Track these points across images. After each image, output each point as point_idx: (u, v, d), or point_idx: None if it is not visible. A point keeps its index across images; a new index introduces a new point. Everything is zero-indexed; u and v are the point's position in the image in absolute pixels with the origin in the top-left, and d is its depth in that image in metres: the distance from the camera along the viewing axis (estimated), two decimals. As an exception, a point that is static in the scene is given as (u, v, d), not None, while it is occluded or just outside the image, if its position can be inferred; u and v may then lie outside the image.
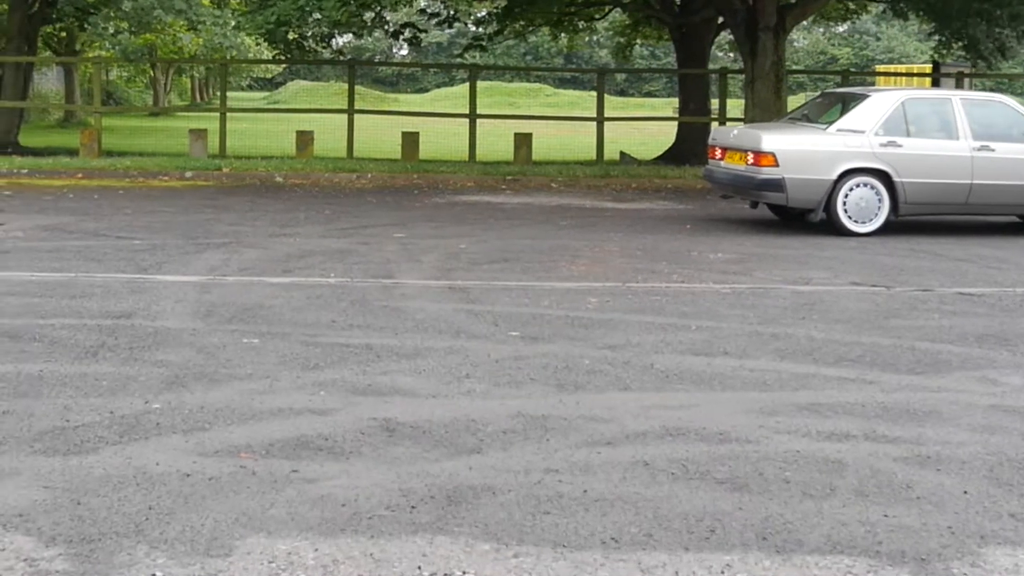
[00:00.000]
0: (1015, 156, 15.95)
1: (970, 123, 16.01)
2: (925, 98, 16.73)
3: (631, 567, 4.86)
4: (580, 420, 6.95)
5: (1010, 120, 16.31)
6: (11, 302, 9.92)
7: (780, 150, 15.74)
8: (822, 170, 15.64)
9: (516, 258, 13.17)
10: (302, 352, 8.45)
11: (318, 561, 4.83)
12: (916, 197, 15.75)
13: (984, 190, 15.87)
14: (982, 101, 16.76)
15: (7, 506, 5.32)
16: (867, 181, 15.65)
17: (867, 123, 15.86)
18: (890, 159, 15.68)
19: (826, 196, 15.65)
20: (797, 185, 15.67)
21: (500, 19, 31.18)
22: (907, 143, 15.79)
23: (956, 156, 15.81)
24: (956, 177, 15.78)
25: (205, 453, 6.15)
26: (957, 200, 15.94)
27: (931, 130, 16.09)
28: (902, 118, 15.94)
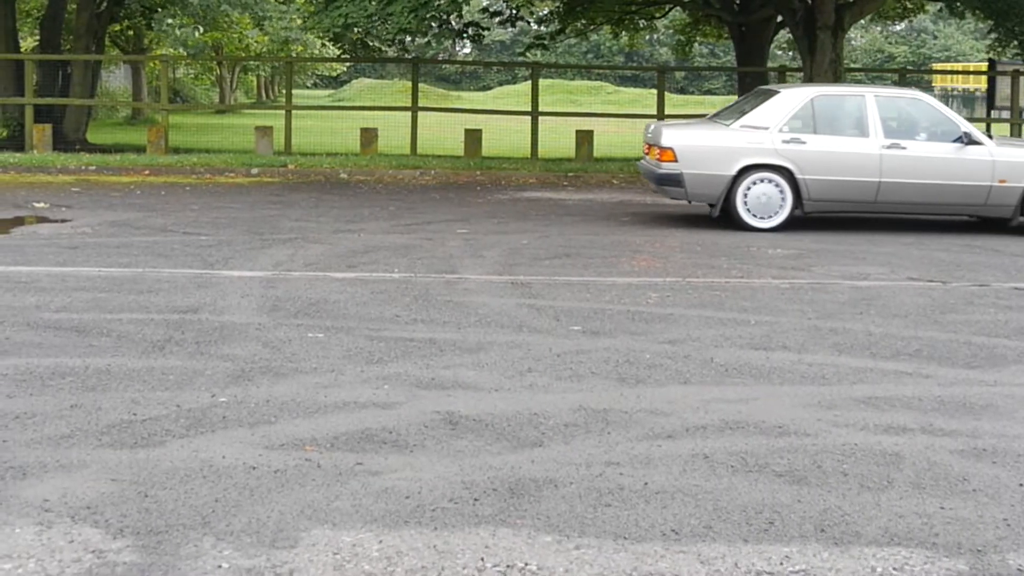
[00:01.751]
0: (928, 154, 15.68)
1: (882, 120, 15.80)
2: (836, 95, 16.56)
3: (691, 559, 4.88)
4: (641, 413, 6.97)
5: (928, 118, 16.14)
6: (79, 297, 10.00)
7: (679, 145, 15.79)
8: (721, 166, 15.62)
9: (578, 254, 13.18)
10: (366, 346, 8.50)
11: (382, 553, 4.87)
12: (820, 194, 15.65)
13: (893, 188, 15.62)
14: (898, 98, 16.47)
15: (76, 498, 5.37)
16: (769, 177, 15.59)
17: (772, 120, 15.79)
18: (792, 156, 15.57)
19: (725, 192, 15.67)
20: (696, 180, 15.70)
21: (562, 18, 31.20)
22: (812, 140, 15.68)
23: (863, 154, 15.62)
24: (863, 175, 15.59)
25: (271, 446, 6.20)
26: (865, 198, 15.70)
27: (840, 127, 16.01)
28: (810, 115, 15.86)
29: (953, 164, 15.57)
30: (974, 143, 15.61)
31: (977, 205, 15.76)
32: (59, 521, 5.11)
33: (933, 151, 15.67)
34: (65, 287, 10.41)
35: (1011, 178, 15.54)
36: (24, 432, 6.34)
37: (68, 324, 8.98)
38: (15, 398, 6.98)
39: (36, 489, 5.48)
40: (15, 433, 6.32)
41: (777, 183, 15.57)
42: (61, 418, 6.61)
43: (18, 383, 7.29)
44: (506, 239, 14.25)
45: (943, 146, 15.68)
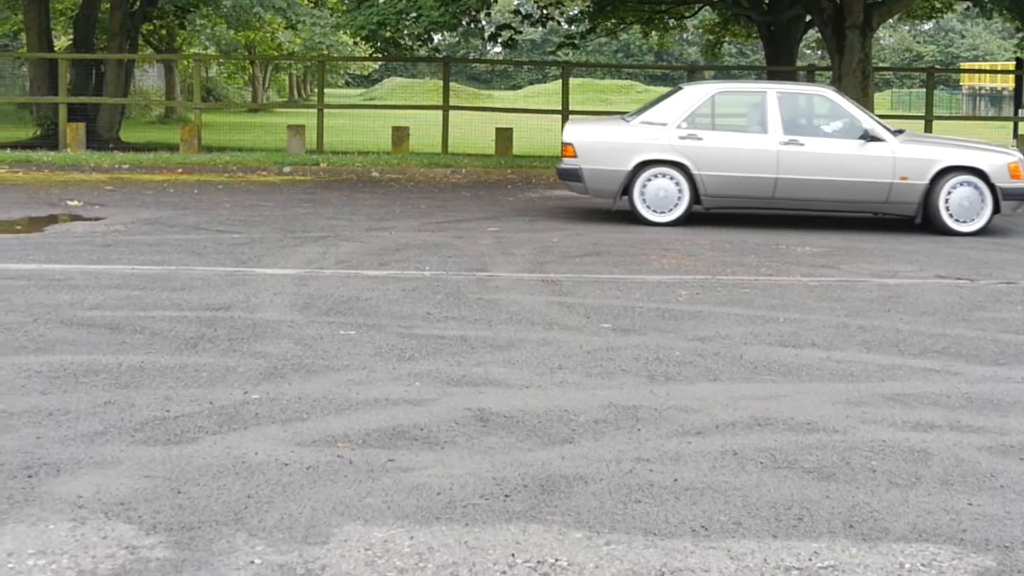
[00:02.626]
0: (826, 151, 15.57)
1: (782, 117, 15.71)
2: (738, 91, 16.88)
3: (720, 554, 4.89)
4: (670, 410, 6.99)
5: (831, 115, 16.11)
6: (113, 295, 10.05)
7: (578, 141, 15.97)
8: (617, 161, 15.73)
9: (607, 251, 13.19)
10: (398, 343, 8.52)
11: (413, 548, 4.89)
12: (717, 189, 15.68)
13: (790, 184, 15.54)
14: (801, 94, 16.35)
15: (109, 495, 5.41)
16: (666, 172, 15.67)
17: (670, 116, 15.86)
18: (688, 151, 15.62)
19: (622, 186, 15.77)
20: (594, 175, 15.86)
21: (592, 17, 31.23)
22: (708, 136, 15.71)
23: (760, 150, 15.57)
24: (760, 171, 15.55)
25: (303, 443, 6.23)
26: (763, 194, 15.67)
27: (739, 123, 16.18)
28: (709, 111, 15.94)
29: (853, 161, 15.47)
30: (875, 140, 15.46)
31: (878, 202, 15.60)
32: (92, 517, 5.14)
33: (832, 148, 15.58)
34: (98, 285, 10.47)
35: (913, 175, 15.34)
36: (58, 429, 6.37)
37: (101, 321, 9.03)
38: (49, 395, 7.01)
39: (70, 485, 5.52)
40: (49, 430, 6.35)
41: (674, 178, 15.66)
42: (95, 415, 6.65)
43: (52, 380, 7.33)
44: (536, 237, 14.26)
45: (843, 143, 15.59)
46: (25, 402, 6.85)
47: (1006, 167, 15.29)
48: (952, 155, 15.41)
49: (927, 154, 15.44)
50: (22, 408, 6.73)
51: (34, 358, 7.85)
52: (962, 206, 15.25)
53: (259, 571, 4.64)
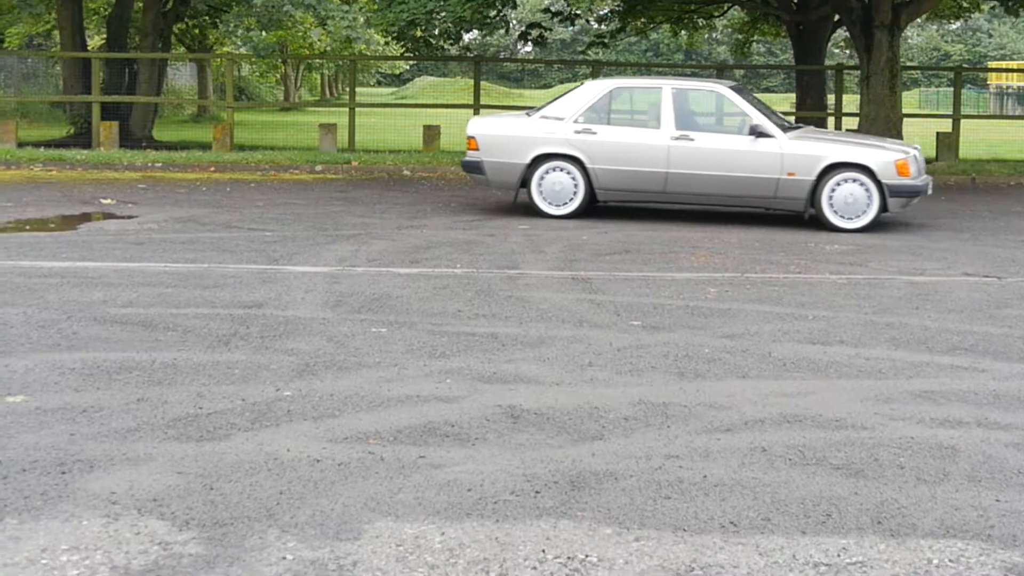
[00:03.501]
0: (716, 146, 15.66)
1: (675, 112, 15.84)
2: (634, 87, 17.10)
3: (749, 550, 4.90)
4: (700, 407, 7.00)
5: (723, 110, 16.37)
6: (146, 292, 10.10)
7: (480, 134, 16.39)
8: (516, 154, 16.06)
9: (637, 249, 13.21)
10: (429, 341, 8.55)
11: (444, 544, 4.91)
12: (610, 183, 15.92)
13: (681, 179, 15.67)
14: (695, 90, 16.49)
15: (142, 491, 5.44)
16: (562, 166, 15.94)
17: (569, 110, 16.13)
18: (583, 146, 15.87)
19: (520, 179, 16.09)
20: (494, 168, 16.24)
21: (622, 16, 31.23)
22: (603, 131, 15.93)
23: (651, 145, 15.74)
24: (651, 165, 15.71)
25: (335, 439, 6.25)
26: (654, 188, 15.85)
27: (633, 118, 16.59)
28: (606, 106, 16.18)
29: (742, 156, 15.54)
30: (764, 136, 15.49)
31: (767, 197, 15.64)
32: (126, 513, 5.17)
33: (722, 143, 15.68)
34: (132, 282, 10.52)
35: (800, 171, 15.34)
36: (91, 425, 6.41)
37: (135, 319, 9.07)
38: (83, 392, 7.05)
39: (103, 482, 5.55)
40: (83, 426, 6.39)
41: (569, 172, 15.94)
42: (128, 412, 6.68)
43: (85, 377, 7.38)
44: (566, 235, 14.28)
45: (733, 138, 15.69)
46: (59, 399, 6.89)
47: (893, 164, 15.25)
48: (838, 151, 15.43)
49: (814, 150, 15.47)
50: (56, 405, 6.77)
51: (68, 355, 7.90)
52: (846, 203, 15.28)
53: (291, 567, 4.66)
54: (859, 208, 15.23)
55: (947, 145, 26.50)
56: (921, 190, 15.51)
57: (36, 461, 5.82)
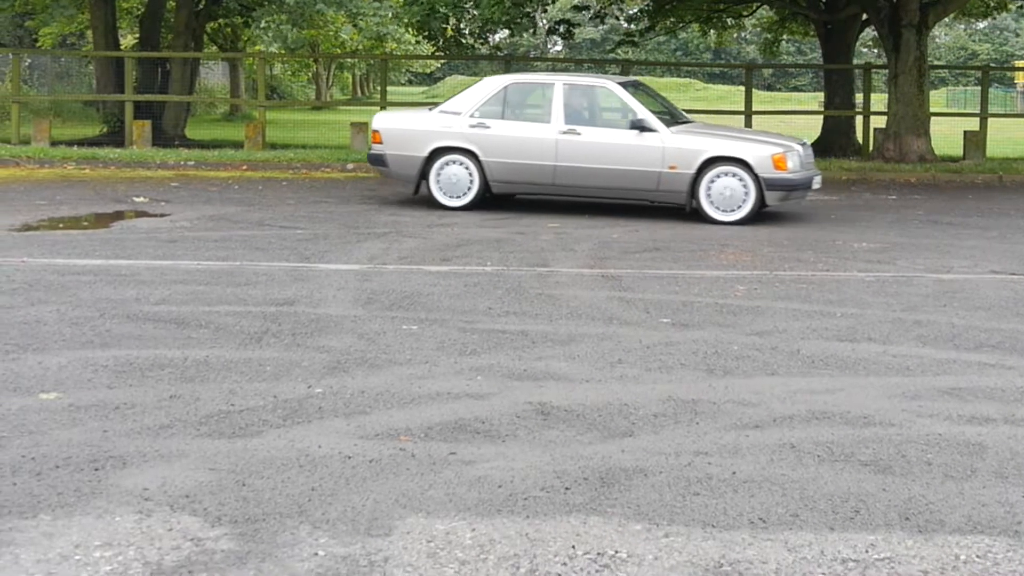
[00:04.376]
0: (601, 140, 16.02)
1: (565, 107, 16.29)
2: (528, 82, 17.40)
3: (778, 546, 4.91)
4: (729, 404, 7.02)
5: (610, 106, 16.55)
6: (178, 290, 10.14)
7: (383, 128, 17.06)
8: (415, 147, 16.60)
9: (667, 247, 13.22)
10: (460, 338, 8.57)
11: (475, 540, 4.93)
12: (502, 176, 16.36)
13: (568, 171, 16.08)
14: (584, 86, 16.78)
15: (174, 487, 5.47)
16: (458, 159, 16.46)
17: (465, 105, 16.68)
18: (477, 139, 16.36)
19: (419, 171, 16.62)
20: (395, 160, 16.83)
21: (651, 16, 31.28)
22: (496, 125, 16.40)
23: (541, 139, 16.16)
24: (540, 158, 16.12)
25: (366, 436, 6.27)
26: (544, 180, 16.27)
27: (526, 113, 16.75)
28: (501, 101, 16.63)
29: (626, 150, 15.88)
30: (648, 130, 15.84)
31: (650, 190, 15.98)
32: (158, 509, 5.19)
33: (607, 137, 16.05)
34: (164, 280, 10.57)
35: (681, 165, 15.66)
36: (124, 422, 6.45)
37: (167, 316, 9.12)
38: (115, 389, 7.09)
39: (136, 478, 5.58)
40: (116, 423, 6.43)
41: (465, 165, 16.43)
42: (160, 408, 6.72)
43: (118, 374, 7.42)
44: (596, 233, 14.30)
45: (619, 133, 16.03)
46: (92, 396, 6.93)
47: (770, 158, 15.50)
48: (717, 145, 15.73)
49: (694, 144, 15.78)
50: (89, 402, 6.81)
51: (100, 352, 7.94)
52: (724, 196, 15.57)
53: (323, 563, 4.68)
54: (736, 201, 15.57)
55: (974, 144, 26.44)
56: (799, 184, 15.81)
57: (69, 458, 5.86)
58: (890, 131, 25.42)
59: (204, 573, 4.58)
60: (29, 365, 7.58)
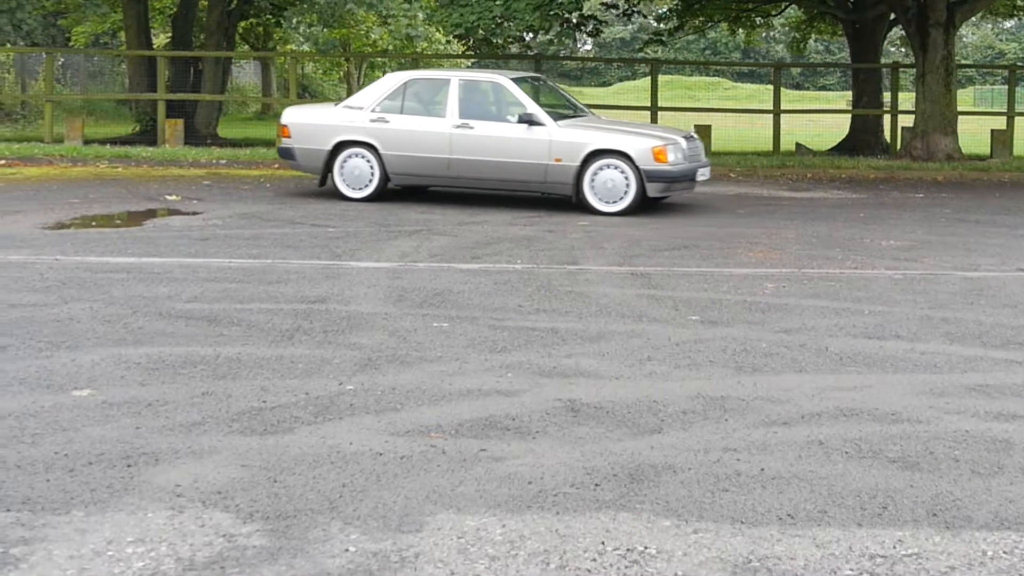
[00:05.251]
0: (492, 134, 16.49)
1: (460, 102, 16.82)
2: (427, 78, 17.94)
3: (806, 542, 4.92)
4: (757, 401, 7.02)
5: (502, 101, 17.04)
6: (210, 287, 10.18)
7: (291, 123, 17.62)
8: (320, 141, 17.20)
9: (696, 245, 13.23)
10: (490, 335, 8.59)
11: (505, 537, 4.94)
12: (400, 168, 16.93)
13: (461, 164, 16.59)
14: (479, 82, 17.30)
15: (207, 483, 5.49)
16: (360, 152, 17.03)
17: (367, 100, 17.33)
18: (377, 133, 16.92)
19: (325, 164, 17.16)
20: (303, 154, 17.44)
21: (680, 15, 31.31)
22: (395, 119, 16.95)
23: (436, 132, 16.69)
24: (436, 151, 16.65)
25: (397, 433, 6.29)
26: (439, 172, 16.82)
27: (424, 108, 17.24)
28: (401, 96, 17.22)
29: (515, 143, 16.36)
30: (536, 124, 16.27)
31: (538, 182, 16.43)
32: (190, 506, 5.22)
33: (498, 131, 16.54)
34: (196, 278, 10.62)
35: (566, 157, 16.09)
36: (156, 419, 6.48)
37: (199, 314, 9.16)
38: (148, 386, 7.13)
39: (168, 475, 5.61)
40: (148, 420, 6.46)
41: (366, 158, 17.01)
42: (192, 405, 6.75)
43: (151, 371, 7.45)
44: (625, 231, 14.31)
45: (509, 127, 16.51)
46: (124, 393, 6.97)
47: (650, 151, 15.89)
48: (600, 139, 16.19)
49: (579, 138, 16.22)
50: (121, 399, 6.85)
51: (133, 350, 7.98)
52: (606, 187, 16.02)
53: (354, 559, 4.70)
54: (618, 192, 16.01)
55: (1001, 142, 26.42)
56: (680, 176, 16.18)
57: (102, 454, 5.89)
58: (918, 130, 25.43)
59: (236, 569, 4.60)
60: (62, 362, 7.62)
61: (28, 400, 6.80)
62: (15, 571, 4.55)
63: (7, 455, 5.86)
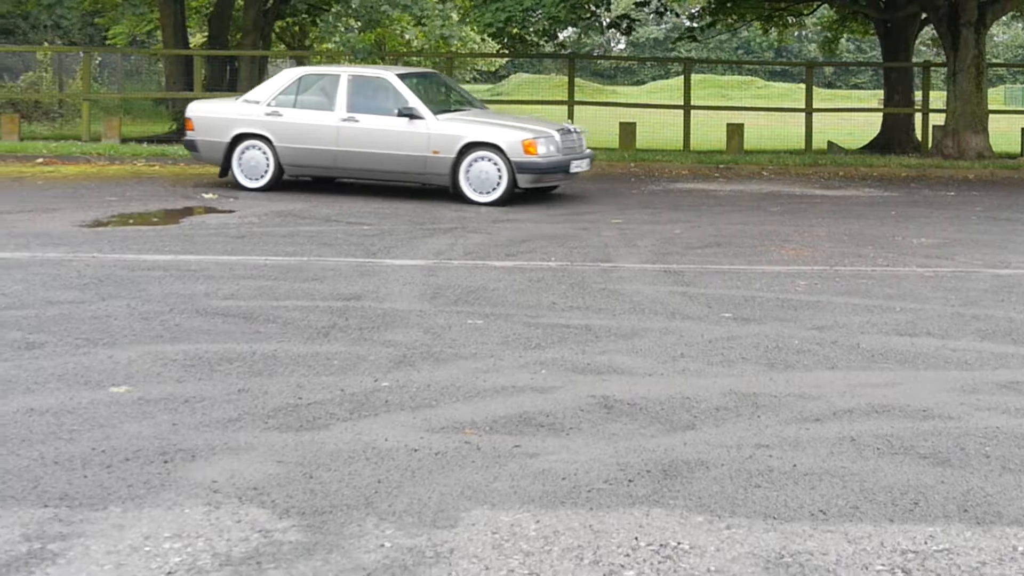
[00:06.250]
0: (376, 127, 17.17)
1: (348, 97, 17.55)
2: (319, 74, 18.78)
3: (838, 538, 4.94)
4: (789, 397, 7.04)
5: (386, 96, 17.50)
6: (247, 285, 10.23)
7: (195, 116, 18.49)
8: (220, 133, 17.97)
9: (728, 243, 13.23)
10: (524, 332, 8.62)
11: (539, 532, 4.96)
12: (291, 159, 17.71)
13: (347, 156, 17.34)
14: (366, 77, 18.04)
15: (243, 479, 5.53)
16: (256, 144, 17.79)
17: (264, 95, 18.08)
18: (271, 126, 17.69)
19: (225, 156, 17.93)
20: (205, 145, 18.26)
21: (713, 13, 31.32)
22: (288, 113, 17.72)
23: (324, 125, 17.44)
24: (323, 143, 17.43)
25: (432, 429, 6.32)
26: (328, 163, 17.63)
27: (315, 102, 17.86)
28: (295, 91, 18.00)
29: (396, 136, 17.09)
30: (416, 118, 17.01)
31: (418, 173, 17.16)
32: (227, 501, 5.26)
33: (381, 124, 17.22)
34: (232, 275, 10.68)
35: (443, 149, 16.79)
36: (193, 415, 6.53)
37: (236, 311, 9.21)
38: (185, 383, 7.18)
39: (205, 471, 5.65)
40: (185, 416, 6.51)
41: (262, 149, 17.76)
42: (229, 402, 6.80)
43: (187, 368, 7.50)
44: (659, 229, 14.31)
45: (391, 120, 17.17)
46: (161, 390, 7.02)
47: (520, 143, 16.52)
48: (474, 131, 16.88)
49: (455, 131, 16.94)
50: (158, 395, 6.90)
51: (170, 347, 8.03)
52: (480, 178, 16.68)
53: (389, 554, 4.72)
54: (491, 183, 16.65)
55: (1032, 141, 26.37)
56: (551, 168, 16.77)
57: (139, 450, 5.93)
58: (949, 128, 25.41)
59: (272, 564, 4.63)
60: (99, 359, 7.68)
61: (66, 397, 6.85)
62: (53, 566, 4.59)
63: (45, 451, 5.91)
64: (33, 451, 5.91)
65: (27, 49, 37.49)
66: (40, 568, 4.57)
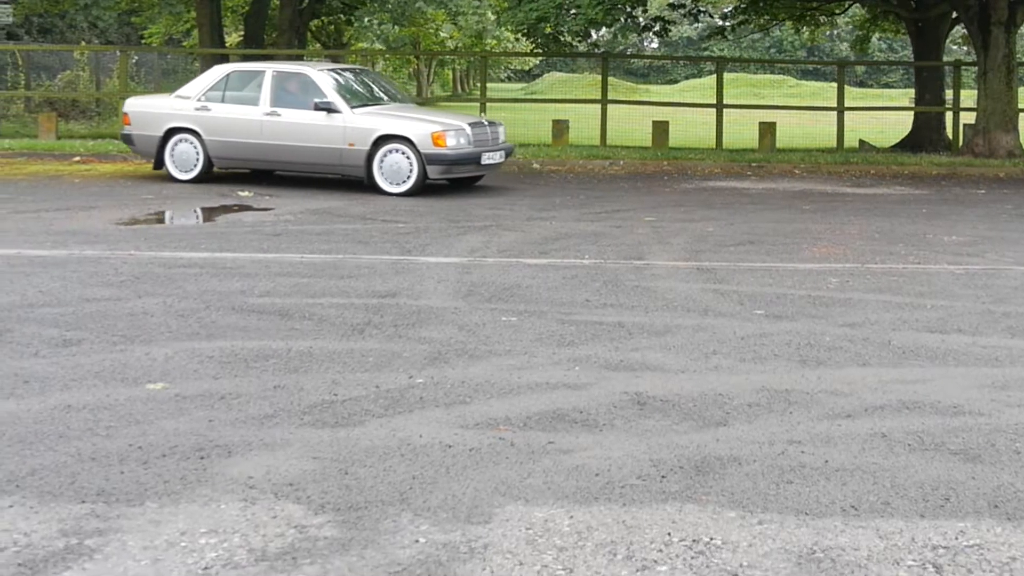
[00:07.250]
0: (296, 121, 17.88)
1: (272, 92, 18.29)
2: (246, 70, 19.36)
3: (870, 533, 4.95)
4: (821, 394, 7.05)
5: (307, 91, 18.13)
6: (282, 282, 10.28)
7: (131, 111, 19.33)
8: (154, 127, 18.81)
9: (760, 240, 13.23)
10: (558, 329, 8.64)
11: (573, 528, 4.98)
12: (220, 152, 18.49)
13: (270, 148, 18.07)
14: (289, 73, 18.74)
15: (279, 475, 5.56)
16: (187, 138, 18.56)
17: (195, 90, 18.87)
18: (200, 120, 18.51)
19: (158, 149, 18.73)
20: (140, 139, 19.10)
21: (745, 11, 31.30)
22: (216, 107, 18.51)
23: (249, 119, 18.21)
24: (249, 137, 18.18)
25: (466, 425, 6.35)
26: (253, 156, 18.42)
27: (241, 97, 18.59)
28: (223, 86, 18.74)
29: (314, 130, 17.80)
30: (333, 111, 17.71)
31: (335, 165, 17.86)
32: (263, 497, 5.28)
33: (301, 118, 17.93)
34: (268, 272, 10.72)
35: (358, 142, 17.49)
36: (229, 412, 6.56)
37: (271, 308, 9.25)
38: (221, 379, 7.22)
39: (241, 467, 5.68)
40: (221, 413, 6.54)
41: (192, 143, 18.54)
42: (265, 398, 6.83)
43: (224, 365, 7.55)
44: (692, 227, 14.32)
45: (310, 114, 17.88)
46: (198, 386, 7.06)
47: (429, 136, 17.26)
48: (387, 124, 17.58)
49: (369, 124, 17.64)
50: (195, 392, 6.94)
51: (206, 344, 8.08)
52: (393, 170, 17.37)
53: (424, 549, 4.74)
54: (403, 175, 17.34)
55: (1062, 138, 26.24)
56: (460, 160, 17.46)
57: (176, 446, 5.97)
58: (979, 127, 25.36)
59: (308, 559, 4.66)
60: (136, 356, 7.73)
61: (103, 393, 6.90)
62: (90, 562, 4.62)
63: (82, 447, 5.95)
64: (70, 447, 5.95)
65: (64, 48, 37.65)
66: (77, 563, 4.60)
